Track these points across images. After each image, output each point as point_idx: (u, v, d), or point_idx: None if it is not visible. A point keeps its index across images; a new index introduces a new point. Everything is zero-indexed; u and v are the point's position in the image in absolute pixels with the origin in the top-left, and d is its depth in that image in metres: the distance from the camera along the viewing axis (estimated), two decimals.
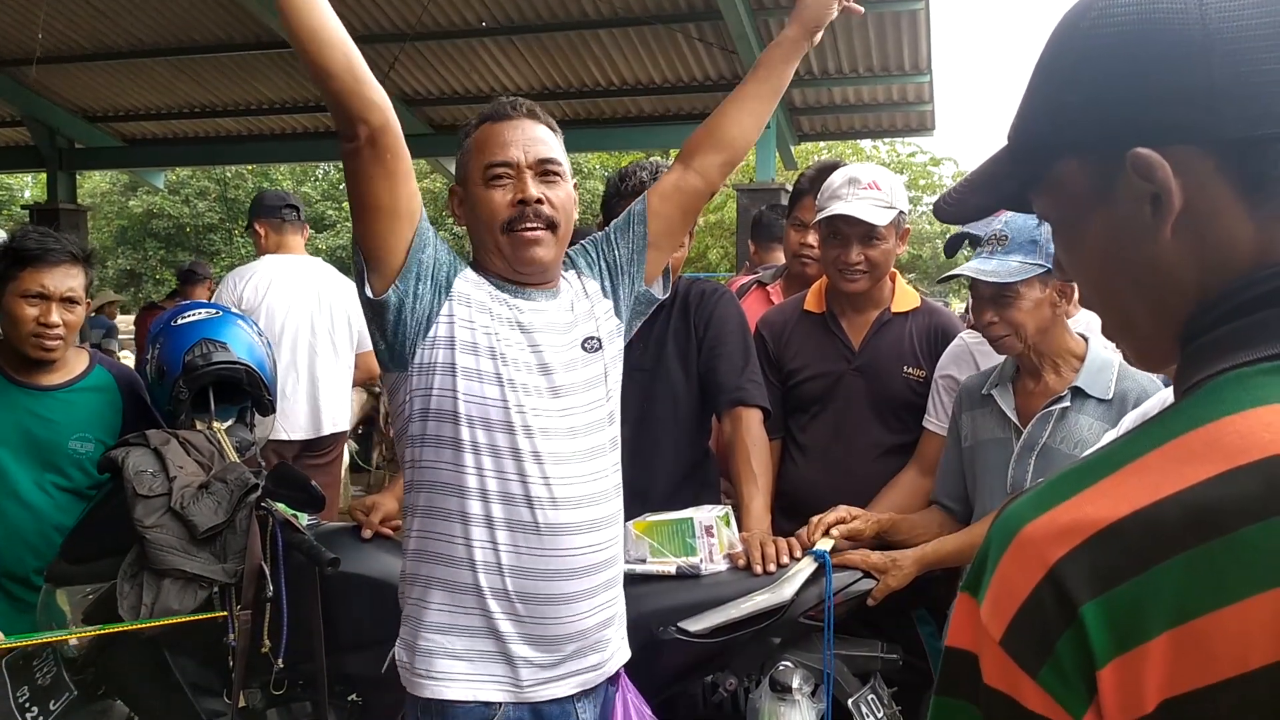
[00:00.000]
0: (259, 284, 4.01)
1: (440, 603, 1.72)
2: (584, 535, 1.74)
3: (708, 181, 2.00)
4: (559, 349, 1.79)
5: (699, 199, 2.02)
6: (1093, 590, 0.61)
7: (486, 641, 1.71)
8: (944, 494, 2.37)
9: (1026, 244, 2.06)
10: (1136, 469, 0.64)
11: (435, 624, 1.72)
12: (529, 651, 1.71)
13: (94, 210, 20.58)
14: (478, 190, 1.79)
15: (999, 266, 2.06)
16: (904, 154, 21.75)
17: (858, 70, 9.88)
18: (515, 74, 10.35)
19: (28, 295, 2.39)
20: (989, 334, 2.17)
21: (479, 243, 1.83)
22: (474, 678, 1.70)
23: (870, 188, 2.51)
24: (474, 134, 1.83)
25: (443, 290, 1.73)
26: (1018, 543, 0.65)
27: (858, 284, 2.57)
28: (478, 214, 1.79)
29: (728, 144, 2.01)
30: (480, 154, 1.79)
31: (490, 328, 1.73)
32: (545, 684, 1.73)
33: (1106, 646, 0.60)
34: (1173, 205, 0.68)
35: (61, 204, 11.78)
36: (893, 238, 2.54)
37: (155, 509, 2.15)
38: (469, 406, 1.70)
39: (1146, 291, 0.73)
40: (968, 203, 0.86)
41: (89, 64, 10.38)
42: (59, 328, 2.41)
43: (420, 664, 1.72)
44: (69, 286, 2.43)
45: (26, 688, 2.17)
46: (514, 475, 1.70)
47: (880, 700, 2.18)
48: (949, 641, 0.69)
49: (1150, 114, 0.68)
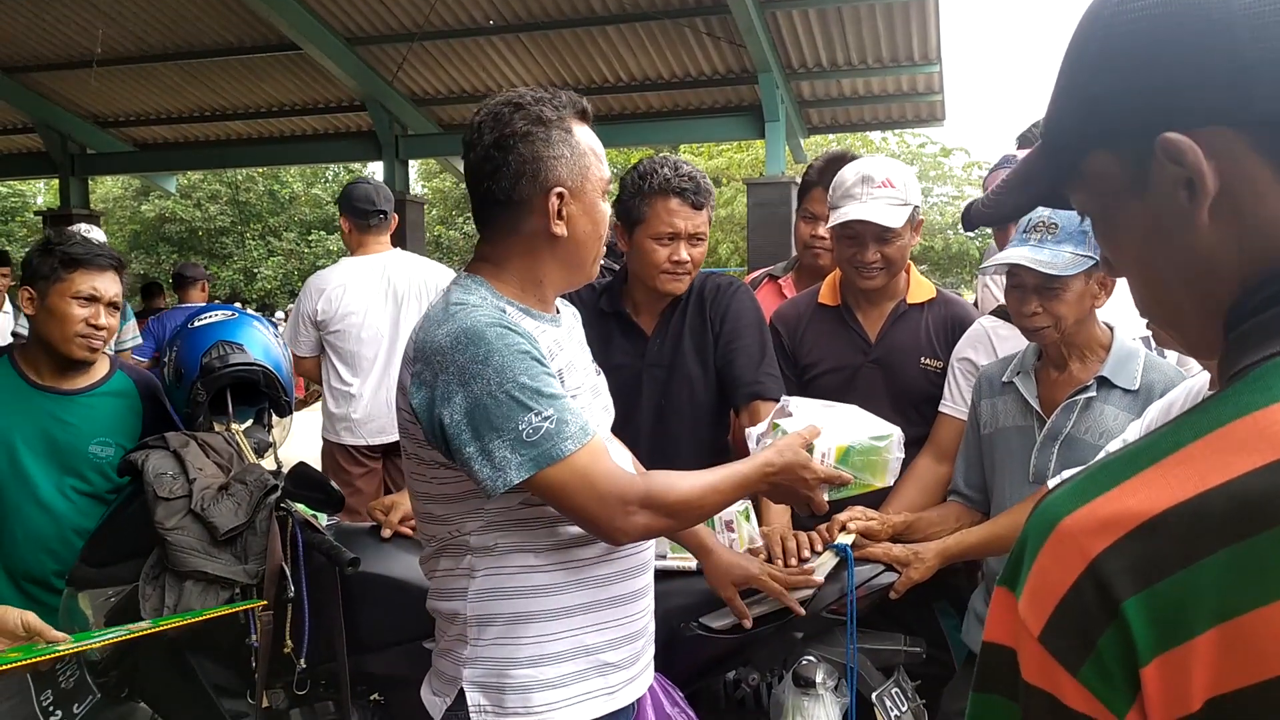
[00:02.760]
0: (333, 295, 4.01)
1: (531, 636, 1.62)
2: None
3: None
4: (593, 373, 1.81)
5: None
6: (1135, 585, 0.59)
7: (580, 660, 1.64)
8: (964, 483, 2.35)
9: (1077, 234, 2.01)
10: (1180, 459, 0.62)
11: (527, 658, 1.61)
12: (615, 656, 1.67)
13: (106, 216, 20.68)
14: (600, 203, 1.68)
15: (1053, 257, 2.00)
16: (914, 145, 21.69)
17: (866, 61, 9.86)
18: (523, 71, 10.36)
19: (79, 297, 2.42)
20: (1029, 324, 2.11)
21: (577, 255, 1.68)
22: (576, 699, 1.63)
23: (884, 185, 2.48)
24: (578, 129, 1.67)
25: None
26: (1057, 535, 0.63)
27: (875, 281, 2.56)
28: (598, 228, 1.68)
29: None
30: (600, 162, 1.70)
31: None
32: (629, 684, 1.71)
33: (1150, 643, 0.58)
34: (1207, 189, 0.67)
35: (75, 209, 11.85)
36: (907, 232, 2.53)
37: (176, 511, 2.15)
38: None
39: (1189, 280, 0.71)
40: (1005, 203, 0.85)
41: (99, 69, 10.43)
42: (104, 331, 2.46)
43: (513, 703, 1.61)
44: (114, 292, 2.48)
45: (50, 691, 2.17)
46: None
47: (904, 694, 2.17)
48: (986, 636, 0.68)
49: (1179, 98, 0.67)
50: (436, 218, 26.00)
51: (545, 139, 1.61)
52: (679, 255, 2.42)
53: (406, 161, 11.72)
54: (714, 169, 19.37)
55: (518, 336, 1.53)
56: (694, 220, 2.42)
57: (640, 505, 1.54)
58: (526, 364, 1.50)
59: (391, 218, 4.22)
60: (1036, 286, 2.06)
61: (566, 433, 1.50)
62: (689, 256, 2.45)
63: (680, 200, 2.40)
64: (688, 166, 2.48)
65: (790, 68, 9.99)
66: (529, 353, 1.52)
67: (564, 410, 1.51)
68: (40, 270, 2.43)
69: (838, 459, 1.81)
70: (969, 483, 2.35)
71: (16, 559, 2.45)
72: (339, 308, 4.00)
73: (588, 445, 1.52)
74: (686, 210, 2.41)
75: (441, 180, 25.86)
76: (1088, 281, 2.06)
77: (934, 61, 9.87)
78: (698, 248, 2.48)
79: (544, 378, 1.52)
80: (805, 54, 9.79)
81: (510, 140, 1.60)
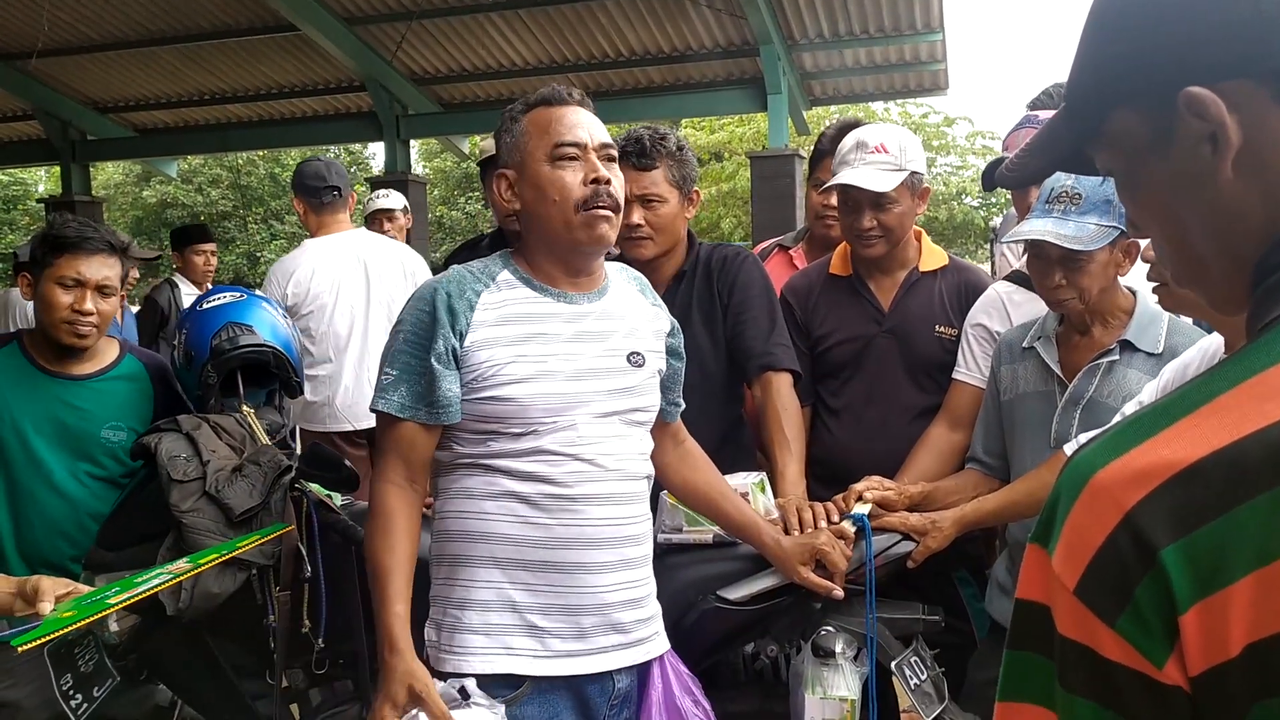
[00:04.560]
0: (301, 278, 3.88)
1: (463, 579, 1.76)
2: (608, 506, 1.77)
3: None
4: (600, 355, 1.81)
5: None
6: (1173, 534, 0.59)
7: (507, 614, 1.73)
8: (982, 450, 2.34)
9: (1101, 204, 1.97)
10: (1214, 409, 0.62)
11: (458, 600, 1.75)
12: (547, 623, 1.73)
13: (108, 202, 20.64)
14: (542, 170, 1.78)
15: (1078, 231, 1.97)
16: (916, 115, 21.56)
17: (869, 30, 9.77)
18: (523, 48, 10.29)
19: (63, 282, 2.39)
20: (1054, 296, 2.09)
21: (539, 225, 1.81)
22: (501, 651, 1.72)
23: (878, 151, 2.47)
24: (527, 117, 1.83)
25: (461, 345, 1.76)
26: (1090, 489, 0.63)
27: (874, 249, 2.54)
28: (545, 194, 1.78)
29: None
30: (544, 135, 1.79)
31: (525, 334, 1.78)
32: (571, 658, 1.74)
33: (1189, 591, 0.59)
34: (1230, 142, 0.67)
35: (77, 196, 11.81)
36: (907, 199, 2.50)
37: (191, 493, 2.15)
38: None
39: (1214, 235, 0.71)
40: (1028, 166, 0.86)
41: (97, 54, 10.38)
42: (92, 316, 2.41)
43: (445, 640, 1.75)
44: (104, 275, 2.43)
45: (70, 675, 2.18)
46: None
47: (924, 662, 2.17)
48: (1019, 594, 0.68)
49: (1199, 52, 0.67)
50: (438, 198, 25.91)
51: (498, 135, 1.88)
52: (630, 219, 2.37)
53: (408, 142, 11.65)
54: (716, 143, 19.25)
55: (430, 307, 1.74)
56: (639, 182, 2.41)
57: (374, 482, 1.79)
58: (411, 332, 1.75)
59: (348, 195, 4.07)
60: (1060, 258, 2.03)
61: (387, 395, 1.75)
62: (640, 220, 2.43)
63: (623, 163, 2.38)
64: (638, 131, 2.48)
65: (792, 39, 9.91)
66: (421, 322, 1.74)
67: (405, 379, 1.74)
68: (34, 255, 2.43)
69: None
70: (988, 450, 2.33)
71: (32, 545, 2.45)
72: (309, 290, 3.86)
73: (391, 414, 1.74)
74: (630, 173, 2.37)
75: (443, 160, 25.74)
76: (1112, 251, 2.03)
77: (937, 30, 9.78)
78: (653, 209, 2.46)
79: (414, 346, 1.73)
80: (807, 24, 9.70)
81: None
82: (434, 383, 1.72)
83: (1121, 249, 2.04)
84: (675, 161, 2.49)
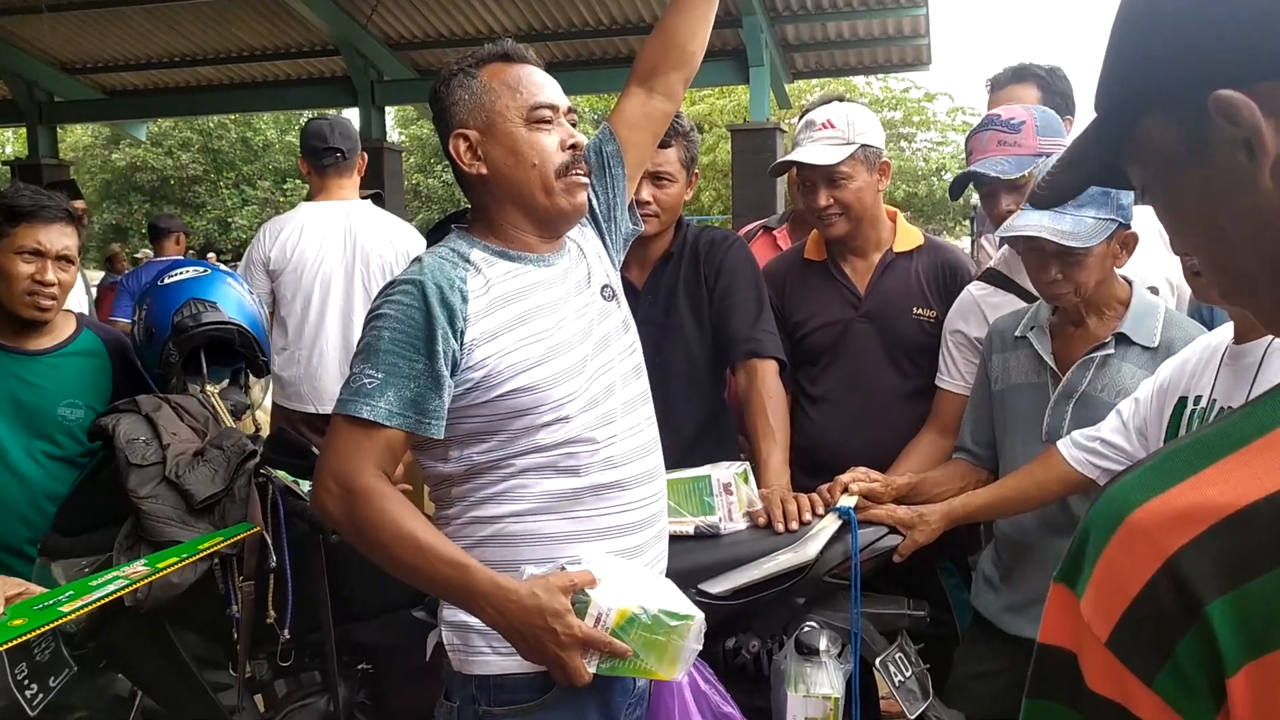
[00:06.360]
0: (288, 240, 3.56)
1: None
2: (637, 489, 1.71)
3: (674, 101, 1.96)
4: (588, 305, 1.74)
5: (666, 121, 1.97)
6: (1221, 586, 0.54)
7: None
8: (970, 439, 2.29)
9: (1098, 197, 1.92)
10: (1264, 446, 0.57)
11: None
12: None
13: (77, 165, 20.31)
14: (518, 132, 1.67)
15: (1075, 226, 1.91)
16: (897, 90, 21.51)
17: (852, 4, 9.70)
18: (502, 15, 10.14)
19: (22, 252, 2.30)
20: (1050, 290, 2.03)
21: (513, 189, 1.68)
22: (509, 652, 1.60)
23: (824, 127, 2.44)
24: (484, 72, 1.70)
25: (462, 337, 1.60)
26: (1127, 529, 0.58)
27: (835, 227, 2.48)
28: (523, 158, 1.66)
29: (688, 58, 1.94)
30: (516, 94, 1.68)
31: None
32: None
33: (1238, 651, 0.54)
34: (1266, 149, 0.62)
35: (44, 159, 11.61)
36: (862, 174, 2.44)
37: (150, 479, 2.06)
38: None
39: (1257, 246, 0.66)
40: (1059, 182, 0.82)
41: (65, 14, 10.13)
42: (54, 286, 2.33)
43: (471, 641, 1.63)
44: (64, 245, 2.34)
45: (25, 664, 2.10)
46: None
47: (908, 658, 2.13)
48: (1042, 637, 0.63)
49: (1230, 53, 0.63)
50: (415, 165, 25.65)
51: (446, 90, 1.71)
52: (639, 195, 2.32)
53: (383, 108, 11.49)
54: (696, 115, 19.13)
55: (422, 303, 1.56)
56: (654, 159, 2.33)
57: (344, 490, 1.54)
58: (399, 329, 1.55)
59: (355, 159, 3.73)
60: (1057, 253, 1.97)
61: (372, 400, 1.53)
62: (649, 197, 2.38)
63: None
64: None
65: (774, 11, 9.81)
66: (412, 319, 1.55)
67: (393, 383, 1.54)
68: None
69: (617, 625, 1.54)
70: (976, 439, 2.28)
71: None
72: (293, 254, 3.56)
73: (377, 422, 1.53)
74: None
75: (419, 127, 25.48)
76: (1109, 244, 1.98)
77: (920, 4, 9.73)
78: (663, 187, 2.41)
79: (404, 346, 1.54)
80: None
81: (432, 101, 1.74)
82: (429, 390, 1.54)
83: (1119, 241, 1.99)
84: (687, 142, 2.47)
